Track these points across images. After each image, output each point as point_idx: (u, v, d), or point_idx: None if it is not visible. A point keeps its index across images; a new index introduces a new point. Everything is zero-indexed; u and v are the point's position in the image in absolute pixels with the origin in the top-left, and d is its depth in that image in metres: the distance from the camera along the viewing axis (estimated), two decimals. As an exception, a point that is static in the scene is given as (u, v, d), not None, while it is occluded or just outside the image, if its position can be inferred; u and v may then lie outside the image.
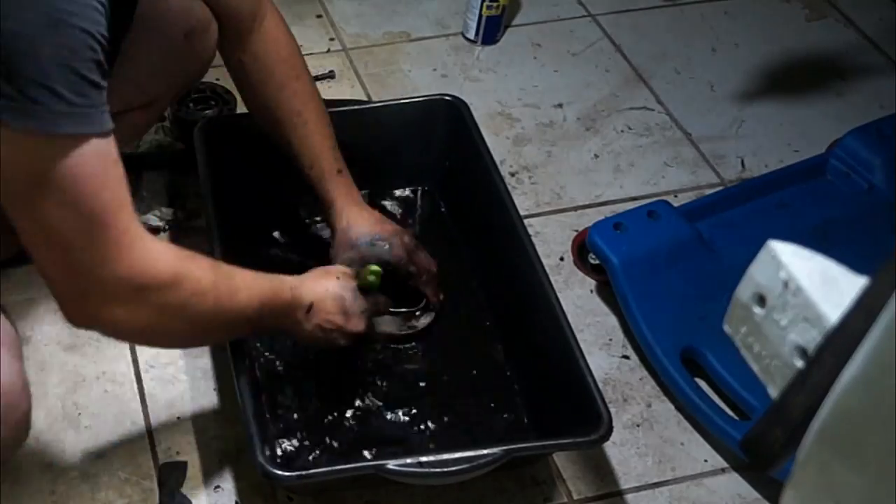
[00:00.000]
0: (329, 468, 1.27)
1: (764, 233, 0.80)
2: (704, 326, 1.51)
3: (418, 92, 1.96)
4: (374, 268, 1.40)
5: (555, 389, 1.40)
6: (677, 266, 1.58)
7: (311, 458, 1.39)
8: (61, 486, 1.39)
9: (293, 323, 1.26)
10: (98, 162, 0.96)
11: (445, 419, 1.45)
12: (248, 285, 1.17)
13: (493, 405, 1.47)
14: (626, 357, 1.59)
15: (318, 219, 1.67)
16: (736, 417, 1.46)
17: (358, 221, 1.46)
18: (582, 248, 1.66)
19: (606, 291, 1.63)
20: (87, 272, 1.01)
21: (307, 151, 1.44)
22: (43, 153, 0.93)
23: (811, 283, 0.69)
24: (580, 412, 1.30)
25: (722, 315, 0.78)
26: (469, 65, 2.09)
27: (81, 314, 1.06)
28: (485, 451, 1.24)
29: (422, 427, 1.44)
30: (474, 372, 1.51)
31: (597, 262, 1.61)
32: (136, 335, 1.16)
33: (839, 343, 0.64)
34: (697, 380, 1.50)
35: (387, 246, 1.45)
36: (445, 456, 1.24)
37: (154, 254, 1.05)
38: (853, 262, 0.71)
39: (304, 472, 1.25)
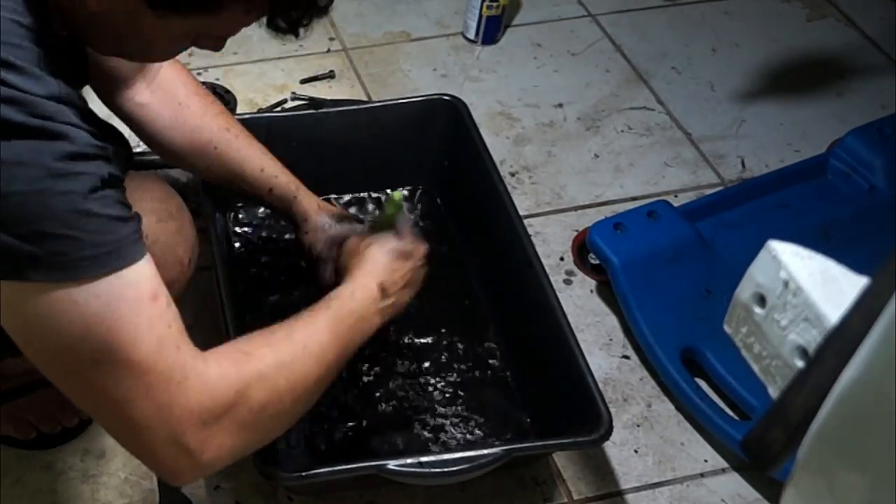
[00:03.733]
0: (329, 468, 1.27)
1: (764, 233, 0.80)
2: (704, 326, 1.51)
3: (418, 92, 1.96)
4: (396, 196, 1.36)
5: (555, 389, 1.40)
6: (677, 266, 1.58)
7: (311, 457, 1.39)
8: (61, 486, 1.39)
9: (383, 312, 1.21)
10: (127, 303, 0.90)
11: (446, 419, 1.45)
12: (309, 335, 1.09)
13: (493, 405, 1.47)
14: (627, 357, 1.59)
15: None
16: (736, 417, 1.46)
17: (322, 204, 1.47)
18: (582, 248, 1.67)
19: (606, 291, 1.64)
20: (154, 426, 0.94)
21: (252, 157, 1.43)
22: (67, 304, 0.88)
23: (811, 282, 0.69)
24: (580, 412, 1.30)
25: (722, 315, 0.78)
26: (469, 65, 2.09)
27: (174, 472, 0.99)
28: (485, 451, 1.24)
29: (422, 427, 1.44)
30: (474, 372, 1.51)
31: (597, 262, 1.61)
32: (240, 453, 1.04)
33: (839, 343, 0.64)
34: (697, 380, 1.50)
35: (346, 219, 1.46)
36: (445, 456, 1.24)
37: (210, 380, 0.97)
38: (854, 262, 0.71)
39: (304, 473, 1.24)
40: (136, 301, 0.91)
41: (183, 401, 0.94)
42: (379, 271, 1.22)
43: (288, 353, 1.06)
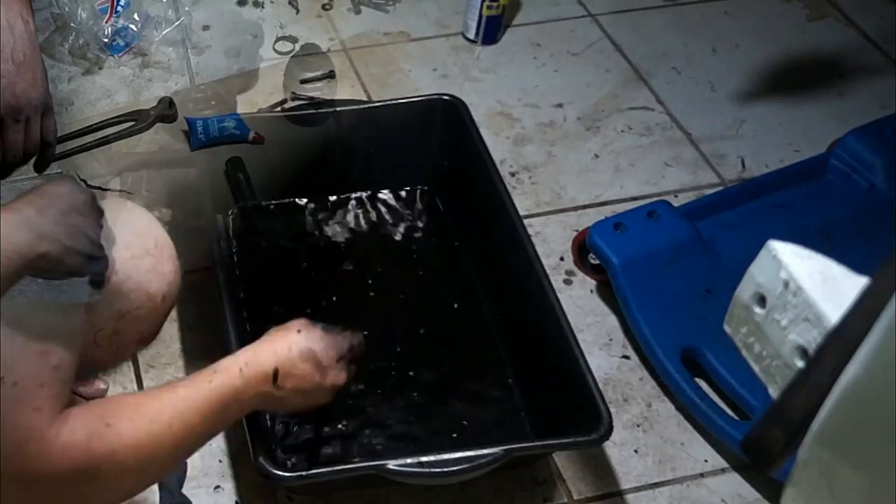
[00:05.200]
0: (329, 468, 1.27)
1: (764, 232, 0.80)
2: (705, 326, 1.51)
3: (418, 92, 1.96)
4: None
5: (555, 389, 1.40)
6: (677, 266, 1.58)
7: (311, 458, 1.39)
8: (61, 487, 1.39)
9: (266, 400, 1.14)
10: (15, 346, 0.91)
11: (446, 419, 1.45)
12: (178, 413, 1.04)
13: (493, 405, 1.47)
14: (627, 357, 1.58)
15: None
16: (736, 417, 1.46)
17: None
18: (582, 248, 1.66)
19: (606, 291, 1.64)
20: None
21: None
22: None
23: (812, 282, 0.70)
24: (580, 412, 1.30)
25: (722, 315, 0.79)
26: (469, 65, 2.09)
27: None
28: (485, 451, 1.24)
29: (422, 427, 1.44)
30: (474, 372, 1.51)
31: (597, 262, 1.61)
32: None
33: (840, 343, 0.64)
34: (698, 380, 1.50)
35: None
36: (445, 456, 1.24)
37: (51, 452, 0.94)
38: (854, 262, 0.72)
39: (304, 473, 1.24)
40: (24, 346, 0.91)
41: (17, 460, 0.93)
42: (284, 359, 1.15)
43: (149, 434, 1.01)
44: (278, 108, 1.91)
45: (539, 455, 1.43)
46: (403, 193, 1.73)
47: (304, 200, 1.70)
